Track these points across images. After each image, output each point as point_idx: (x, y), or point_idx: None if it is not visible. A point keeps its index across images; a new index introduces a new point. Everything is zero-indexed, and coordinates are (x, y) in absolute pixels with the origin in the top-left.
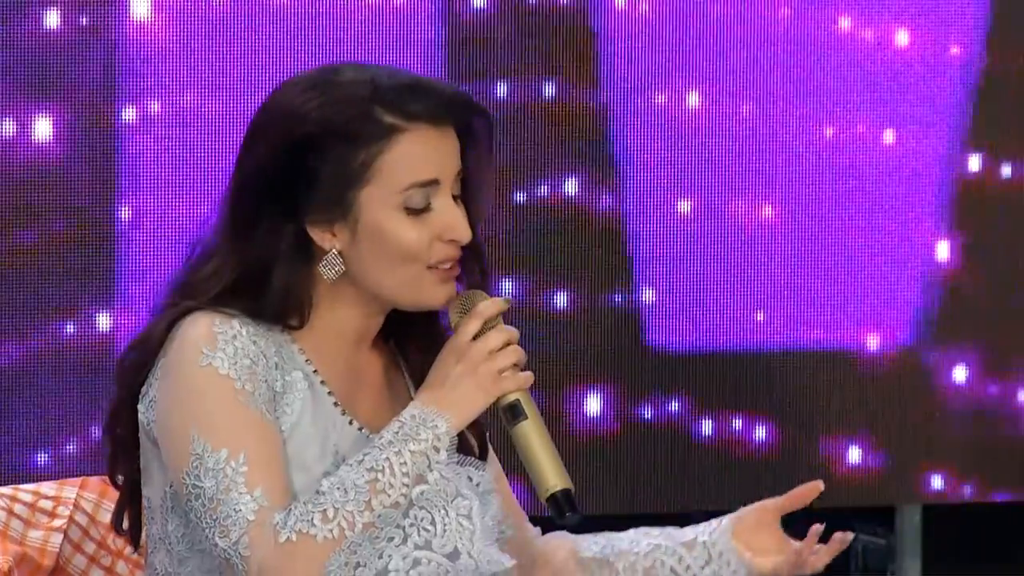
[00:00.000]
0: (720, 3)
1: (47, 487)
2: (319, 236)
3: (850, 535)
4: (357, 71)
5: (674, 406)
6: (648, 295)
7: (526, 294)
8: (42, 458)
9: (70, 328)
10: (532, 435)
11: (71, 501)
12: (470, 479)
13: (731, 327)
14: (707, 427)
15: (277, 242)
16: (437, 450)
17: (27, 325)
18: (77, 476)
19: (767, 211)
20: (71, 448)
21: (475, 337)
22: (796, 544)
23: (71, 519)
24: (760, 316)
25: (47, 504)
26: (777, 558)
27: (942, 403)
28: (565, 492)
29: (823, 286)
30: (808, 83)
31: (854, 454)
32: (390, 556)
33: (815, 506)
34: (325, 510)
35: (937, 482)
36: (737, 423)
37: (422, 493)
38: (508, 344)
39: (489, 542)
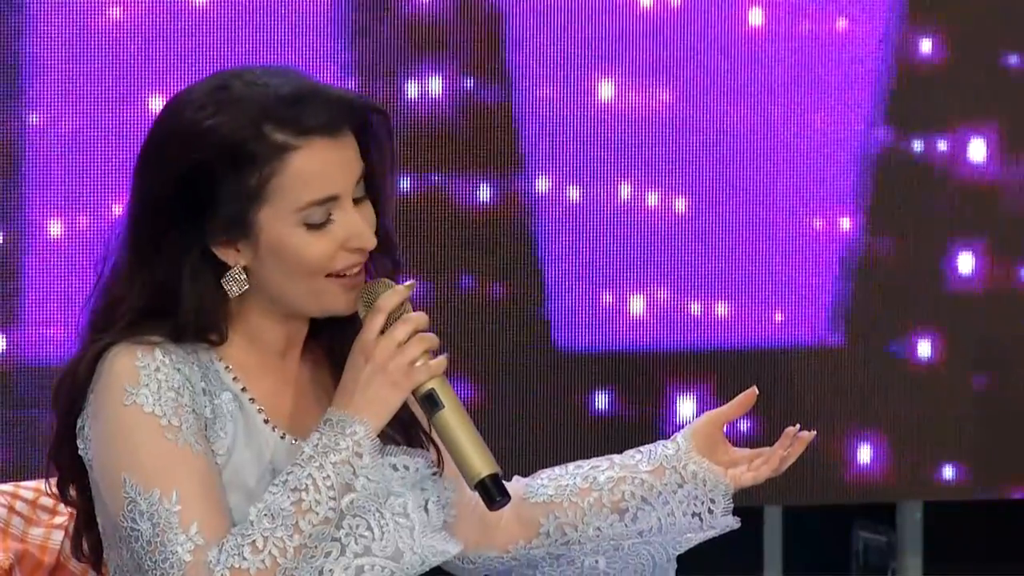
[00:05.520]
0: None
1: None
2: (223, 253)
3: (813, 432)
4: (247, 84)
5: (675, 402)
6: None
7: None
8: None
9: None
10: (452, 423)
11: None
12: (405, 467)
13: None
14: None
15: (181, 263)
16: (360, 456)
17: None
18: None
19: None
20: None
21: (382, 331)
22: (766, 449)
23: (72, 516)
24: (760, 312)
25: (48, 501)
26: (762, 467)
27: (944, 399)
28: (493, 477)
29: (825, 282)
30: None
31: (854, 451)
32: (331, 571)
33: (817, 503)
34: (254, 541)
35: (939, 478)
36: (737, 420)
37: (352, 502)
38: (416, 332)
39: (432, 532)
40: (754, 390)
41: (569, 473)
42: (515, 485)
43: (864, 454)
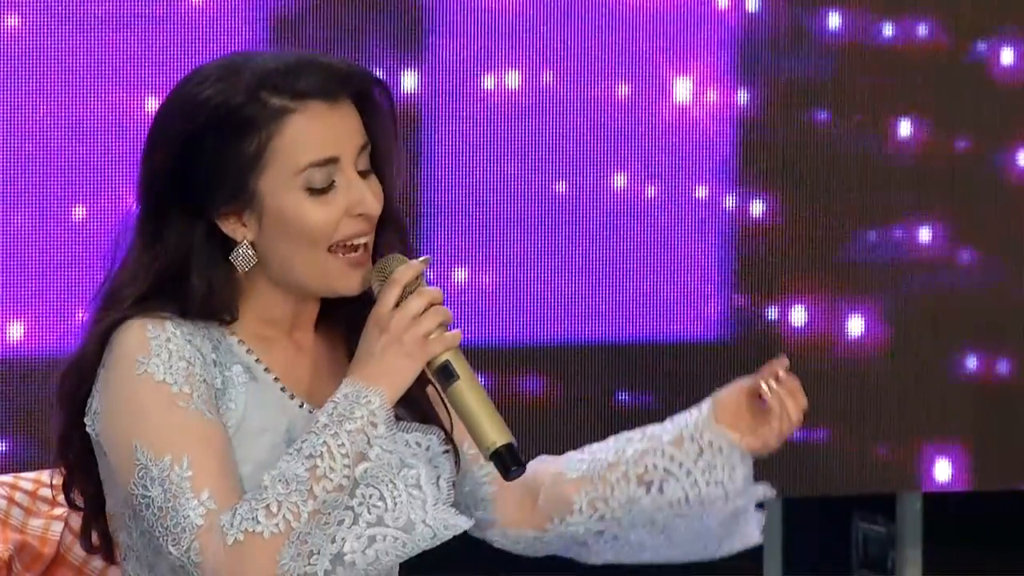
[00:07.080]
0: None
1: (48, 475)
2: (229, 228)
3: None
4: (249, 58)
5: (662, 394)
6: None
7: None
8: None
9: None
10: (467, 394)
11: None
12: (418, 444)
13: (728, 316)
14: None
15: (189, 240)
16: (375, 425)
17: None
18: None
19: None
20: None
21: (397, 304)
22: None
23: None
24: (751, 302)
25: (48, 492)
26: (765, 433)
27: (943, 389)
28: (508, 447)
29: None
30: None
31: (854, 441)
32: (343, 539)
33: (816, 495)
34: (268, 505)
35: (938, 470)
36: None
37: (366, 471)
38: (431, 305)
39: (443, 506)
40: (784, 359)
41: (604, 447)
42: (554, 462)
43: (862, 445)
